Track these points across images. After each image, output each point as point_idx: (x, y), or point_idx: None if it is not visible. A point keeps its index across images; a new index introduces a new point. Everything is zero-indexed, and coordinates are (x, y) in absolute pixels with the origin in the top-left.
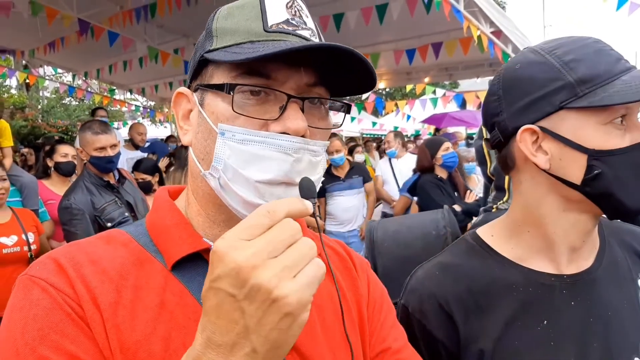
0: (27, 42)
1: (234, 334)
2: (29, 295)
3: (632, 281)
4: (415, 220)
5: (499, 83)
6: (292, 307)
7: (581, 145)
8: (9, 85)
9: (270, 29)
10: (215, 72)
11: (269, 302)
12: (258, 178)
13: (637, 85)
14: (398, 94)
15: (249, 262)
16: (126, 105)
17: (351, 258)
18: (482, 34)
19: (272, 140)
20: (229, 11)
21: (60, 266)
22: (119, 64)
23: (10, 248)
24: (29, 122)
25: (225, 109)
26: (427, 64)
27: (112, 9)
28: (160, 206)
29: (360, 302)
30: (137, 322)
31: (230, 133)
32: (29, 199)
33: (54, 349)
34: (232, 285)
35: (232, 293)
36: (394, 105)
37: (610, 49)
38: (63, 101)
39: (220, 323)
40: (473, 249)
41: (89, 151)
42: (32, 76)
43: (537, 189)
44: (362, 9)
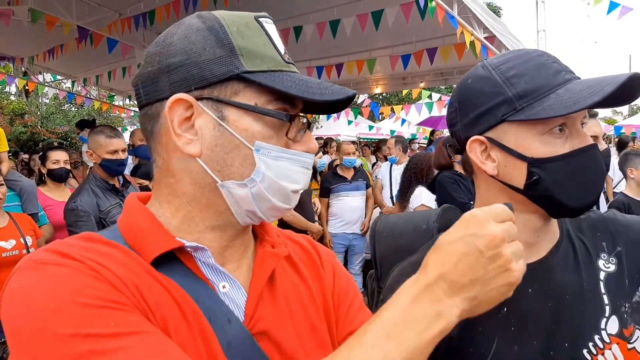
0: (26, 49)
1: (467, 279)
2: (42, 273)
3: (591, 264)
4: (412, 216)
5: (455, 96)
6: (514, 279)
7: (521, 154)
8: (8, 92)
9: (285, 58)
10: (243, 90)
11: (503, 269)
12: (293, 188)
13: (567, 99)
14: (394, 98)
15: (501, 235)
16: (125, 111)
17: (316, 251)
18: (475, 40)
19: (299, 158)
20: (239, 29)
21: (62, 252)
22: (117, 70)
23: (10, 251)
24: (28, 129)
25: (264, 129)
26: (422, 69)
27: (111, 16)
28: (132, 210)
29: (325, 291)
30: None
31: (266, 150)
32: (28, 203)
33: (95, 298)
34: (484, 245)
35: (481, 250)
36: (390, 110)
37: (552, 61)
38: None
39: (460, 267)
40: None
41: (100, 154)
42: (32, 83)
43: (490, 192)
44: (357, 16)
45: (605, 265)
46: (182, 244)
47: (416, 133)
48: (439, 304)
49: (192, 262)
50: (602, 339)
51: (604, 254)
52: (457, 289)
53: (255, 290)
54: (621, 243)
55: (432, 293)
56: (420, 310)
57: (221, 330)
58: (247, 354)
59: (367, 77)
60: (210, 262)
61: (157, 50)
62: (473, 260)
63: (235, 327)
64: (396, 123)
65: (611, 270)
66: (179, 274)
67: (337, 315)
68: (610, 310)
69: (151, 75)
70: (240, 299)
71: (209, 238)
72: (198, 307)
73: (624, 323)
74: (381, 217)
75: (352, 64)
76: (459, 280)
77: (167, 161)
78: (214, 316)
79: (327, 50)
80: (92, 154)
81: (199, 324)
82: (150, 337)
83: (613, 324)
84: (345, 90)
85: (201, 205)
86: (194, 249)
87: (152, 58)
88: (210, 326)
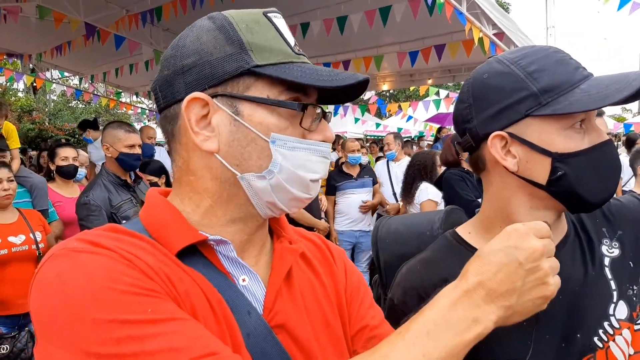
0: (34, 46)
1: (505, 288)
2: (79, 260)
3: (595, 251)
4: (414, 220)
5: (468, 92)
6: (550, 293)
7: (545, 149)
8: (16, 88)
9: (295, 50)
10: (254, 84)
11: (540, 282)
12: (311, 177)
13: (595, 93)
14: (402, 95)
15: (541, 250)
16: (132, 108)
17: (328, 248)
18: (484, 36)
19: (316, 147)
20: (248, 25)
21: (94, 242)
22: (125, 67)
23: (19, 247)
24: (36, 125)
25: (279, 121)
26: (430, 65)
27: (119, 12)
28: (156, 204)
29: (338, 288)
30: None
31: (282, 141)
32: (38, 199)
33: (131, 286)
34: (524, 257)
35: (521, 262)
36: (397, 107)
37: (569, 58)
38: (70, 104)
39: (499, 276)
40: (451, 244)
41: (118, 147)
42: (40, 79)
43: (506, 189)
44: (365, 12)
45: (609, 250)
46: (206, 237)
47: (424, 130)
48: (477, 310)
49: (214, 256)
50: (612, 325)
51: (606, 239)
52: (494, 297)
53: (274, 284)
54: (620, 226)
55: (471, 299)
56: (459, 314)
57: (242, 322)
58: (266, 346)
59: (375, 74)
60: (232, 256)
61: (172, 53)
62: (512, 271)
63: (255, 319)
64: (403, 120)
65: (615, 254)
66: (201, 265)
67: (350, 311)
68: (617, 295)
69: (167, 78)
70: (259, 292)
71: (230, 231)
72: (222, 298)
73: (633, 306)
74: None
75: (360, 60)
76: (497, 288)
77: (187, 160)
78: (235, 308)
79: (334, 47)
80: (108, 147)
81: (224, 315)
82: (185, 324)
83: (622, 308)
84: (356, 75)
85: (222, 199)
86: (216, 243)
87: (168, 62)
88: (234, 317)
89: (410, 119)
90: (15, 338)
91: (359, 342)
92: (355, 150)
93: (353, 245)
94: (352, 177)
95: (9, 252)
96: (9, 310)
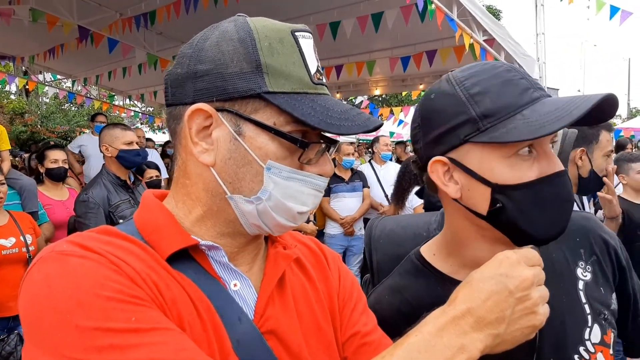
0: (27, 48)
1: (494, 316)
2: (65, 265)
3: (570, 273)
4: (410, 221)
5: (418, 111)
6: (538, 322)
7: (485, 179)
8: (8, 91)
9: (314, 80)
10: (263, 109)
11: (529, 311)
12: (299, 210)
13: (534, 121)
14: (394, 100)
15: (531, 279)
16: (125, 111)
17: (323, 252)
18: (474, 42)
19: (311, 180)
20: (271, 44)
21: (84, 245)
22: (118, 70)
23: (9, 249)
24: (28, 128)
25: (278, 150)
26: (421, 71)
27: (112, 16)
28: (150, 206)
29: (331, 293)
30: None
31: (277, 170)
32: (28, 201)
33: (117, 292)
34: (514, 286)
35: (511, 290)
36: (389, 111)
37: (520, 77)
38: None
39: (488, 304)
40: (417, 268)
41: (117, 146)
42: (32, 82)
43: (455, 215)
44: (357, 18)
45: (583, 274)
46: (197, 242)
47: None
48: (464, 337)
49: (205, 260)
50: (587, 350)
51: (582, 262)
52: (483, 325)
53: (265, 290)
54: (597, 250)
55: (458, 326)
56: (444, 341)
57: (232, 328)
58: (256, 352)
59: (367, 79)
60: (224, 261)
61: (189, 52)
62: (502, 299)
63: (246, 325)
64: (395, 124)
65: (588, 278)
66: (192, 270)
67: (342, 317)
68: (591, 319)
69: (179, 77)
70: (251, 297)
71: (220, 242)
72: (211, 304)
73: (604, 330)
74: (376, 221)
75: (352, 65)
76: (486, 316)
77: (185, 162)
78: (225, 314)
79: (327, 52)
80: (107, 147)
81: (212, 321)
82: (169, 334)
83: (596, 332)
84: (368, 122)
85: (212, 211)
86: (208, 248)
87: (183, 60)
88: (222, 323)
89: (402, 123)
90: (4, 341)
91: (349, 348)
92: (349, 154)
93: (345, 248)
94: (344, 180)
95: None
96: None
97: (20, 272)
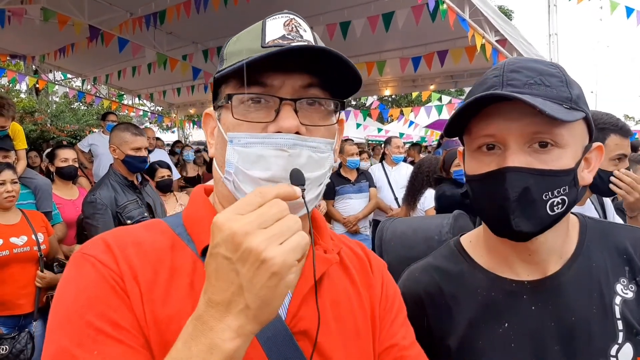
0: (37, 47)
1: (229, 292)
2: (81, 270)
3: (608, 287)
4: (422, 224)
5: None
6: (278, 267)
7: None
8: (18, 89)
9: (266, 44)
10: (225, 89)
11: (259, 263)
12: (262, 176)
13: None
14: (404, 100)
15: (242, 229)
16: (134, 110)
17: (369, 259)
18: (486, 43)
19: (270, 140)
20: (238, 36)
21: (108, 246)
22: (127, 69)
23: (21, 247)
24: (38, 127)
25: (231, 119)
26: (432, 71)
27: (123, 15)
28: (196, 201)
29: (373, 300)
30: (170, 299)
31: (236, 139)
32: (42, 201)
33: (99, 317)
34: (228, 250)
35: (227, 256)
36: (399, 112)
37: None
38: (72, 106)
39: (219, 284)
40: (452, 253)
41: (125, 150)
42: (42, 81)
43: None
44: (368, 18)
45: (623, 290)
46: None
47: (425, 136)
48: (211, 335)
49: None
50: None
51: (624, 279)
52: (224, 309)
53: (300, 291)
54: None
55: (204, 324)
56: (193, 352)
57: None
58: (285, 351)
59: (377, 79)
60: None
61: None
62: (226, 271)
63: (276, 324)
64: (405, 126)
65: (629, 296)
66: None
67: (382, 326)
68: (624, 336)
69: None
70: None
71: None
72: None
73: (639, 351)
74: (387, 223)
75: (362, 65)
76: (222, 298)
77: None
78: None
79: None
80: (115, 149)
81: None
82: None
83: (627, 350)
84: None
85: (223, 199)
86: None
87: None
88: None
89: (412, 125)
90: (14, 339)
91: (385, 359)
92: (354, 154)
93: None
94: (350, 181)
95: (10, 253)
96: (10, 311)
97: (31, 270)
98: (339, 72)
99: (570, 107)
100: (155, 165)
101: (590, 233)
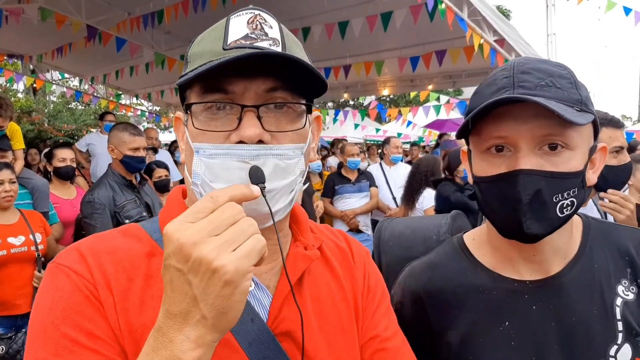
0: (35, 47)
1: (185, 303)
2: (55, 281)
3: (609, 288)
4: (420, 224)
5: None
6: (230, 275)
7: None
8: (16, 89)
9: (228, 46)
10: (190, 94)
11: (210, 273)
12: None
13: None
14: (402, 100)
15: (191, 239)
16: (132, 110)
17: (350, 248)
18: (484, 43)
19: (233, 151)
20: (202, 36)
21: (82, 255)
22: (125, 69)
23: (18, 248)
24: (35, 126)
25: (198, 130)
26: (430, 71)
27: (120, 15)
28: (172, 203)
29: (355, 292)
30: (146, 307)
31: (202, 150)
32: (39, 201)
33: (74, 327)
34: (178, 261)
35: (179, 268)
36: (397, 112)
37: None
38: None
39: (174, 295)
40: (455, 250)
41: (123, 150)
42: (39, 80)
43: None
44: (366, 17)
45: (624, 292)
46: None
47: (422, 136)
48: (171, 347)
49: None
50: None
51: (625, 281)
52: (181, 320)
53: (281, 292)
54: None
55: (164, 336)
56: None
57: (244, 330)
58: (269, 354)
59: (375, 79)
60: None
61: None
62: (179, 283)
63: (258, 327)
64: (403, 125)
65: (630, 298)
66: None
67: (364, 316)
68: (623, 337)
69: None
70: (266, 299)
71: None
72: None
73: (637, 352)
74: (385, 223)
75: (360, 65)
76: (179, 310)
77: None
78: None
79: (335, 52)
80: (113, 149)
81: None
82: None
83: (625, 351)
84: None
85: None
86: None
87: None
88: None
89: (410, 125)
90: (11, 339)
91: (366, 351)
92: (354, 155)
93: None
94: (350, 181)
95: (7, 253)
96: (7, 311)
97: (28, 270)
98: (302, 74)
99: (580, 109)
100: (152, 165)
101: (593, 234)
